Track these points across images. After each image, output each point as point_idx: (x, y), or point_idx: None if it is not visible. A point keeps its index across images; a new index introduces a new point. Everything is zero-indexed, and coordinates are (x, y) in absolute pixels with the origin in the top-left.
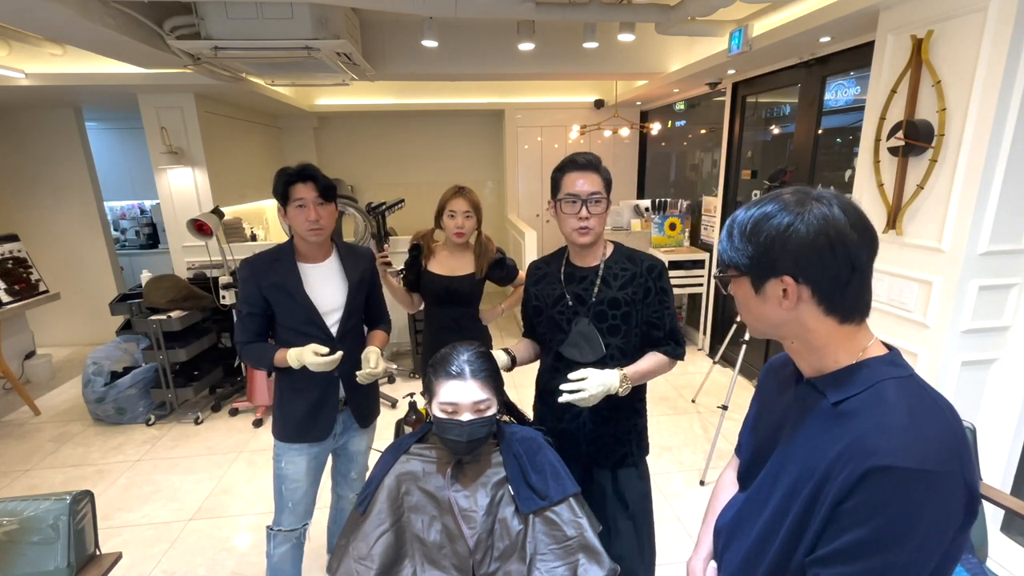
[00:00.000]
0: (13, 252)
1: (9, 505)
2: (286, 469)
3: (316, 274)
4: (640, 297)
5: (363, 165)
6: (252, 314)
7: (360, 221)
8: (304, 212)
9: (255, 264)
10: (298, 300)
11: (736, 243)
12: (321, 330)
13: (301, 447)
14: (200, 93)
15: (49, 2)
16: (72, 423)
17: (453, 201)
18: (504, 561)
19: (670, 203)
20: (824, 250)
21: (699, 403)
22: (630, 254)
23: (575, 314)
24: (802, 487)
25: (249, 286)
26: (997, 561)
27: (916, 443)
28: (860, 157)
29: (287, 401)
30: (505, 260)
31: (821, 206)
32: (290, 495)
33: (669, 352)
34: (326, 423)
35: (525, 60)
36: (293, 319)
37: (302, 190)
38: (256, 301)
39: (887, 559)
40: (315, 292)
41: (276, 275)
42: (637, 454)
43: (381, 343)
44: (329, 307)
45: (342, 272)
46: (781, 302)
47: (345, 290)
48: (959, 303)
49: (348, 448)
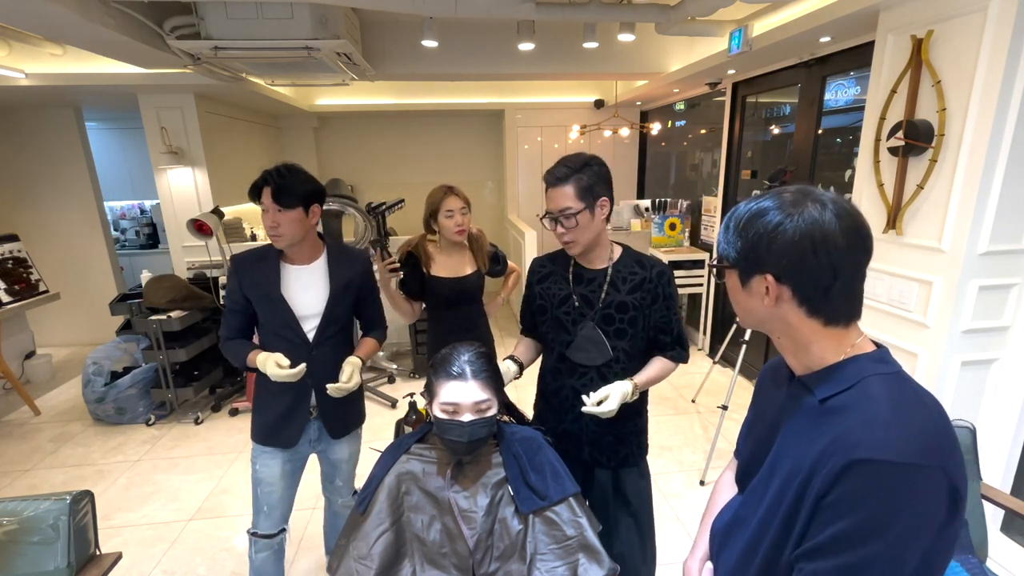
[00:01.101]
0: (13, 252)
1: (9, 505)
2: (261, 472)
3: (299, 276)
4: (648, 302)
5: (363, 165)
6: (234, 311)
7: (360, 221)
8: (265, 218)
9: (240, 261)
10: (275, 302)
11: (730, 236)
12: (297, 335)
13: (274, 451)
14: (200, 93)
15: (49, 2)
16: (72, 423)
17: (447, 201)
18: (504, 561)
19: (670, 203)
20: (806, 253)
21: (699, 403)
22: (639, 258)
23: (581, 316)
24: (790, 484)
25: (233, 282)
26: (997, 561)
27: (897, 437)
28: (860, 157)
29: (262, 403)
30: (498, 253)
31: (814, 209)
32: (265, 498)
33: (675, 357)
34: (295, 431)
35: (525, 60)
36: (270, 321)
37: (264, 196)
38: (237, 299)
39: (868, 552)
40: (294, 295)
41: (258, 274)
42: (638, 454)
43: (368, 352)
44: (308, 312)
45: (326, 277)
46: (763, 299)
47: (325, 296)
48: (959, 303)
49: (328, 456)
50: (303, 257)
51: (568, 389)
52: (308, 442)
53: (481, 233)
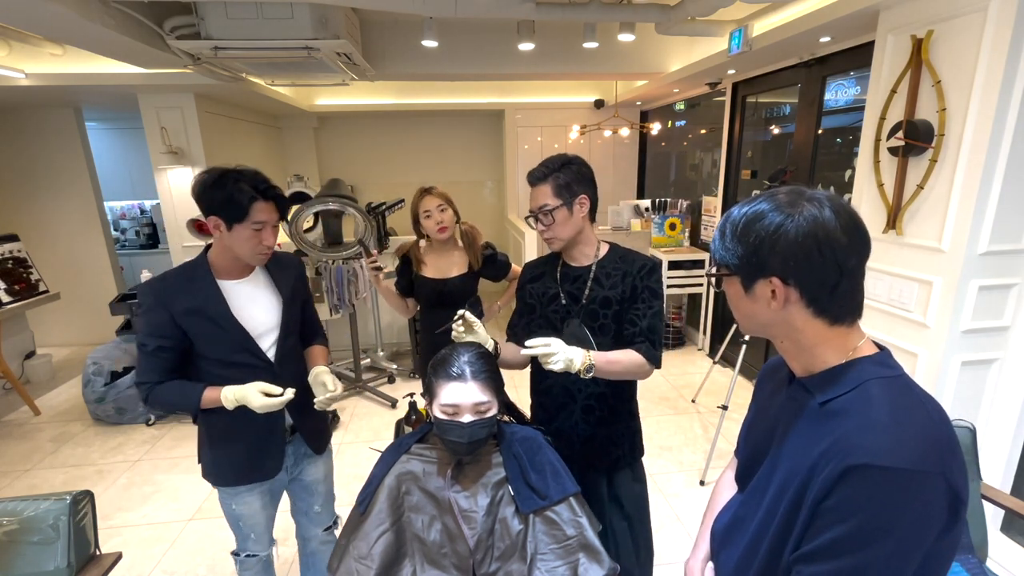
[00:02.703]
0: (13, 252)
1: (9, 505)
2: (239, 510)
3: (240, 292)
4: (629, 296)
5: (363, 165)
6: (163, 348)
7: (360, 221)
8: (261, 235)
9: (161, 288)
10: (224, 326)
11: (727, 242)
12: (256, 357)
13: (250, 487)
14: (200, 93)
15: (49, 2)
16: (72, 423)
17: (423, 202)
18: (504, 561)
19: (670, 203)
20: (812, 252)
21: (699, 403)
22: (624, 254)
23: (568, 313)
24: (789, 486)
25: (157, 314)
26: (997, 561)
27: (896, 442)
28: (860, 157)
29: (222, 440)
30: (496, 255)
31: (812, 207)
32: (250, 529)
33: (643, 351)
34: (275, 457)
35: (525, 60)
36: (218, 349)
37: (265, 211)
38: (168, 332)
39: (866, 557)
40: (242, 313)
41: (192, 299)
42: (631, 456)
43: (325, 360)
44: (262, 328)
45: (272, 285)
46: (770, 303)
47: (278, 306)
48: (959, 303)
49: (303, 480)
50: (240, 269)
51: (558, 387)
52: (285, 469)
53: (472, 228)
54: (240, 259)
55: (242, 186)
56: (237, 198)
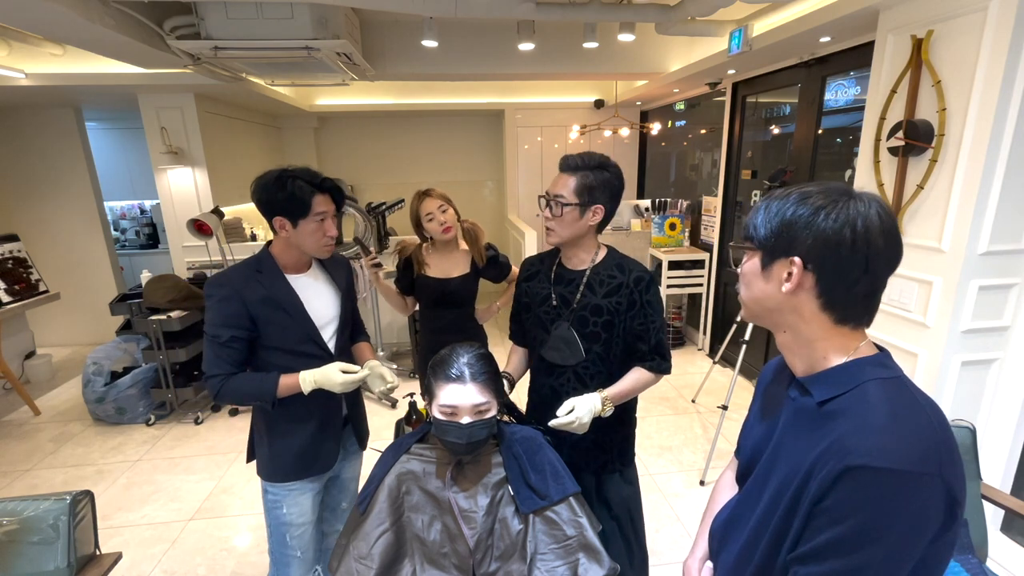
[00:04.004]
0: (13, 252)
1: (9, 505)
2: (289, 515)
3: (304, 285)
4: (624, 308)
5: (363, 165)
6: (236, 338)
7: (360, 221)
8: (324, 227)
9: (237, 281)
10: (294, 316)
11: (762, 217)
12: (319, 347)
13: (303, 485)
14: (200, 93)
15: (49, 2)
16: (72, 423)
17: (423, 205)
18: (504, 561)
19: (670, 203)
20: (844, 243)
21: (699, 403)
22: (620, 262)
23: (558, 316)
24: (787, 487)
25: (232, 304)
26: (997, 561)
27: (893, 443)
28: (860, 157)
29: (282, 435)
30: (498, 257)
31: (859, 203)
32: (297, 543)
33: (654, 368)
34: (333, 447)
35: (525, 60)
36: (287, 339)
37: (323, 202)
38: (242, 322)
39: (862, 558)
40: (308, 305)
41: (264, 289)
42: (619, 461)
43: (372, 355)
44: (323, 320)
45: (329, 280)
46: (783, 284)
47: (337, 299)
48: (959, 303)
49: (341, 476)
50: (302, 264)
51: (547, 388)
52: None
53: (474, 226)
54: (303, 255)
55: (300, 183)
56: (299, 195)
